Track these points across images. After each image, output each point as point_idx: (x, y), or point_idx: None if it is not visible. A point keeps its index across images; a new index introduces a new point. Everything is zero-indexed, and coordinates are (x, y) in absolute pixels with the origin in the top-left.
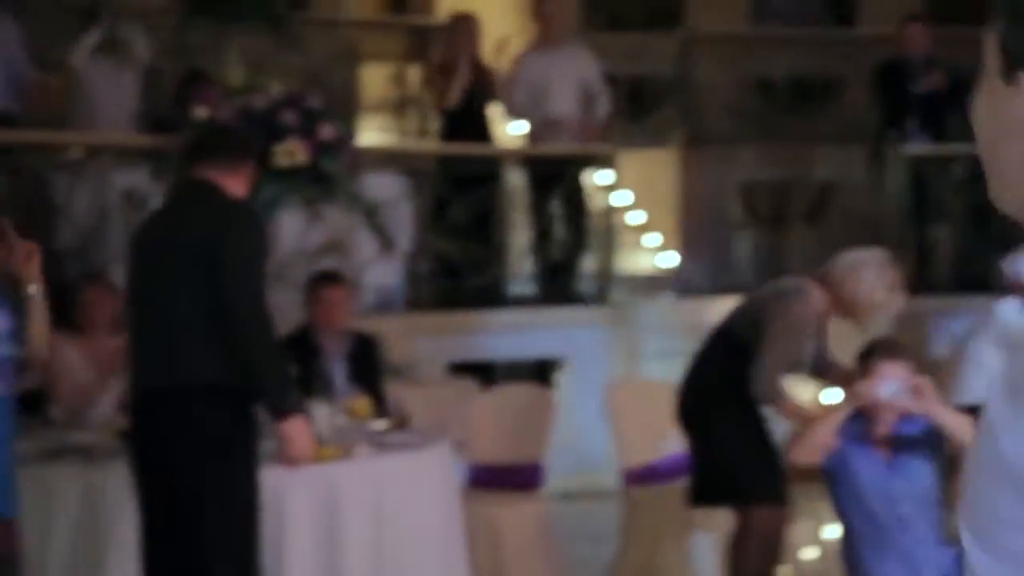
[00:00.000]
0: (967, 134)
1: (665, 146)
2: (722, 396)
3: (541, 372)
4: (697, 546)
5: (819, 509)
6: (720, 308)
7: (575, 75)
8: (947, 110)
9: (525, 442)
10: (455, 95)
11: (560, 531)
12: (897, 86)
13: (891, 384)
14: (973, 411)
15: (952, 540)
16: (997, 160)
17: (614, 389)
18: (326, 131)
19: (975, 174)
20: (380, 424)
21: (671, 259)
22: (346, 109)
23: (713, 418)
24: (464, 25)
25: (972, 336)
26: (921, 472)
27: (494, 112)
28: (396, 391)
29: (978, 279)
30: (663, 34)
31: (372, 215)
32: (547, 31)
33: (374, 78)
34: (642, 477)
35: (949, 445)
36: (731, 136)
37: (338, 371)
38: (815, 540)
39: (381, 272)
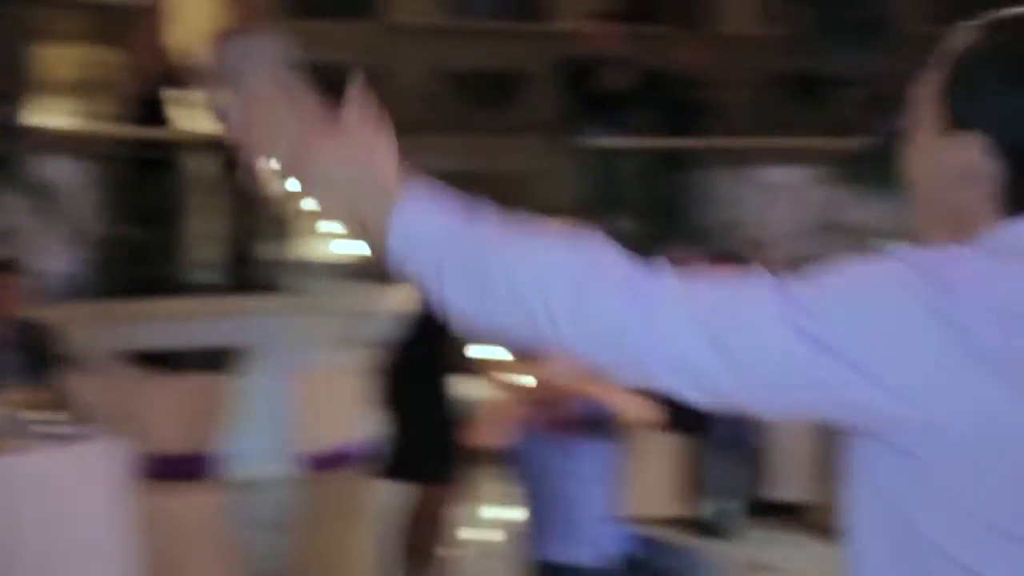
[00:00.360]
0: (650, 129)
1: None
2: (421, 376)
3: (224, 360)
4: (373, 528)
5: (498, 490)
6: (398, 294)
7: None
8: (632, 105)
9: (203, 431)
10: (143, 80)
11: (241, 519)
12: (583, 81)
13: (564, 368)
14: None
15: (621, 518)
16: (932, 203)
17: (296, 376)
18: None
19: (655, 167)
20: (50, 416)
21: (353, 247)
22: (23, 90)
23: (412, 397)
24: (153, 9)
25: None
26: (593, 452)
27: (183, 99)
28: (73, 381)
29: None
30: (359, 23)
31: (48, 200)
32: (243, 17)
33: (60, 59)
34: (323, 463)
35: (618, 425)
36: (423, 126)
37: (9, 361)
38: (494, 521)
39: (58, 259)
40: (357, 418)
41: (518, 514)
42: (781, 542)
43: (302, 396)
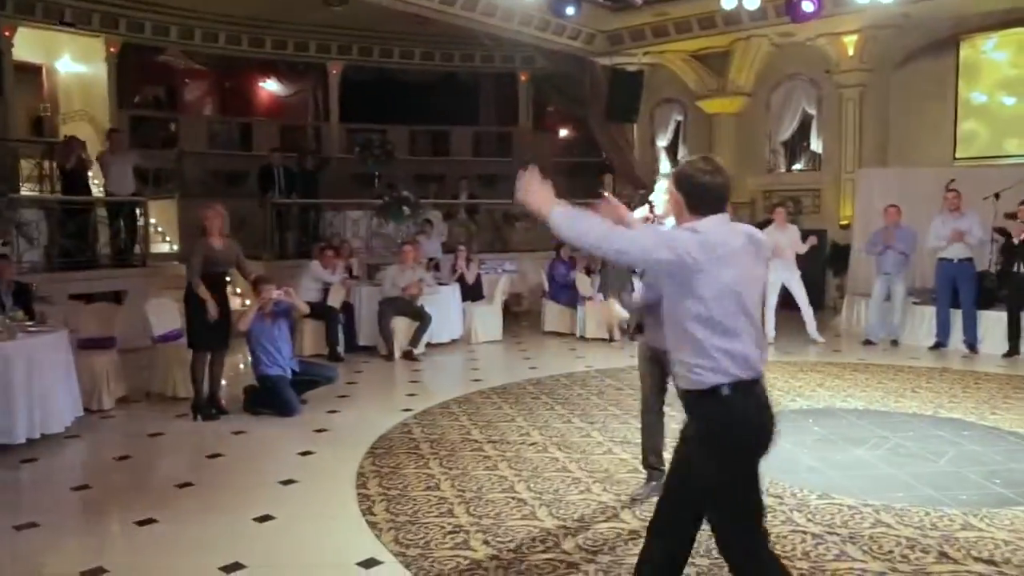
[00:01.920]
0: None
1: None
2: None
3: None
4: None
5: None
6: None
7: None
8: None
9: (107, 326)
10: None
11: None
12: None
13: (276, 292)
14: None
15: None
16: (677, 216)
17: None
18: None
19: (302, 209)
20: (30, 324)
21: None
22: None
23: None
24: None
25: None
26: (284, 330)
27: None
28: (40, 309)
29: None
30: None
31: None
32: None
33: None
34: (163, 338)
35: (294, 313)
36: None
37: (9, 302)
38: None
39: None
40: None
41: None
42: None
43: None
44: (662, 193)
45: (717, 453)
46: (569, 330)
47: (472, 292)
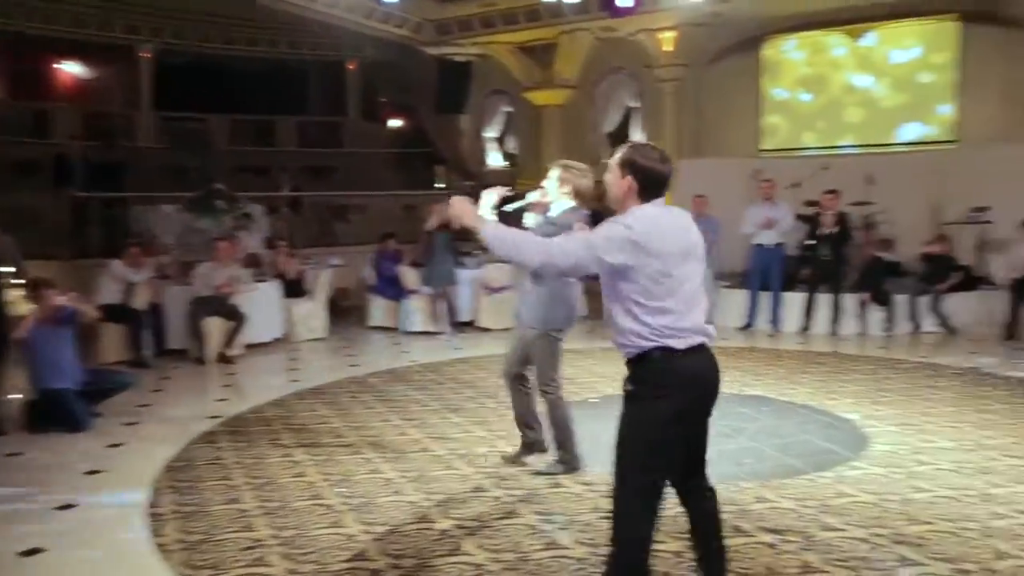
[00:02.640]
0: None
1: None
2: None
3: None
4: None
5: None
6: None
7: None
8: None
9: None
10: None
11: None
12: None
13: (59, 298)
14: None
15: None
16: (616, 201)
17: None
18: None
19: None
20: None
21: None
22: None
23: None
24: None
25: None
26: (68, 338)
27: None
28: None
29: None
30: None
31: None
32: None
33: None
34: None
35: (79, 318)
36: None
37: None
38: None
39: None
40: None
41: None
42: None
43: None
44: (555, 180)
45: (638, 411)
46: (395, 324)
47: (294, 288)
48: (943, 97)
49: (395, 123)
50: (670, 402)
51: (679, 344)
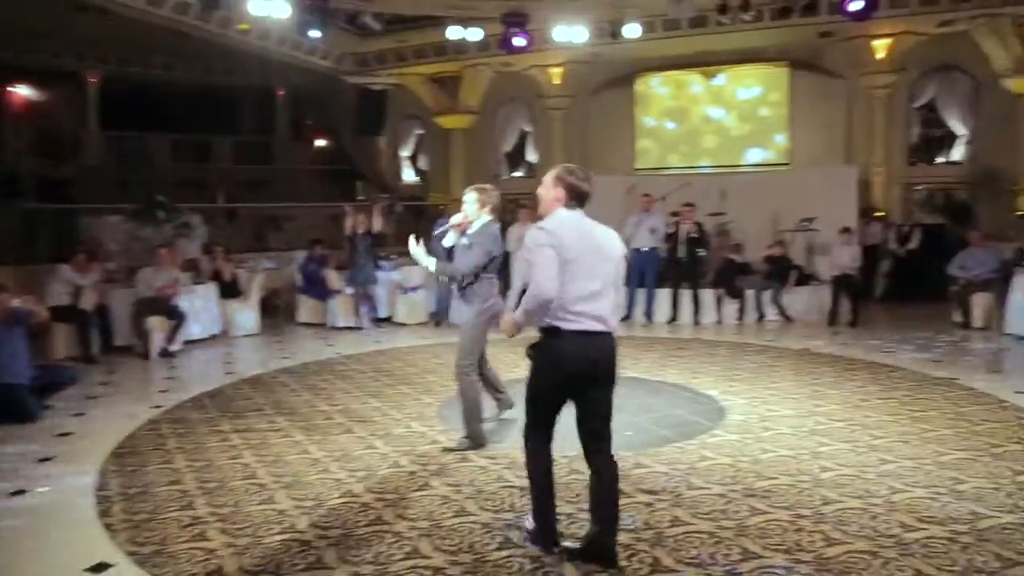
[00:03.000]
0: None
1: None
2: None
3: None
4: None
5: None
6: None
7: None
8: None
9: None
10: None
11: None
12: None
13: (14, 300)
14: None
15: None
16: (545, 205)
17: None
18: None
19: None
20: None
21: None
22: None
23: None
24: None
25: None
26: (20, 337)
27: None
28: None
29: None
30: None
31: None
32: None
33: None
34: None
35: (32, 319)
36: None
37: None
38: None
39: None
40: None
41: None
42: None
43: None
44: (473, 202)
45: (538, 370)
46: (321, 321)
47: (230, 290)
48: (779, 128)
49: (320, 143)
50: (556, 366)
51: (567, 326)
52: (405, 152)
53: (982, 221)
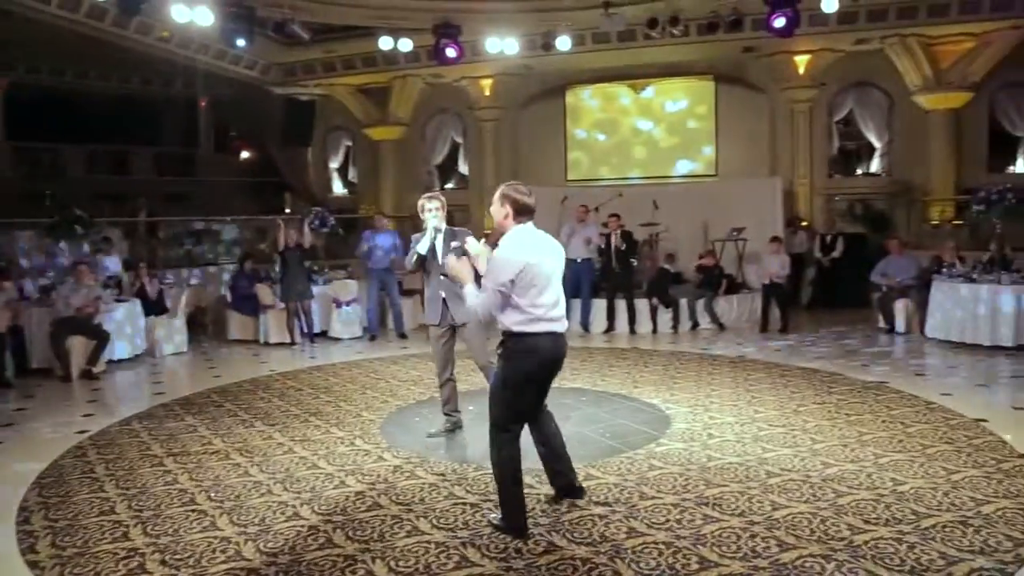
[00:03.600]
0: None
1: None
2: None
3: None
4: None
5: None
6: None
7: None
8: None
9: None
10: None
11: None
12: None
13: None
14: None
15: None
16: (499, 225)
17: None
18: None
19: None
20: None
21: None
22: None
23: None
24: None
25: None
26: None
27: None
28: None
29: None
30: None
31: None
32: None
33: None
34: None
35: None
36: None
37: None
38: None
39: None
40: None
41: None
42: None
43: None
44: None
45: (506, 369)
46: (253, 337)
47: (155, 307)
48: (706, 140)
49: (246, 155)
50: (523, 362)
51: (530, 328)
52: (334, 164)
53: (899, 230)
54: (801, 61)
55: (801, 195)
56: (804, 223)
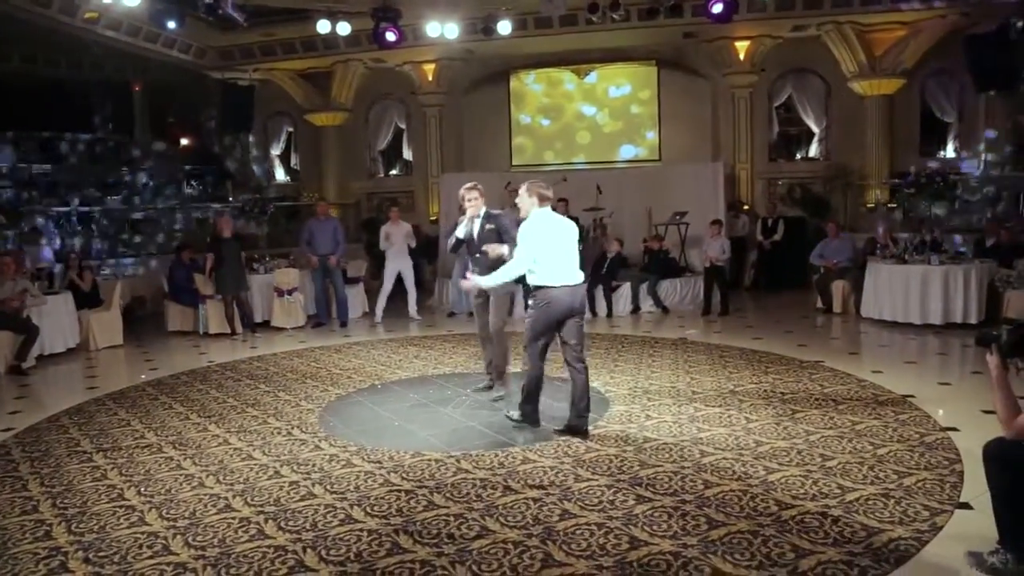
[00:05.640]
0: None
1: None
2: None
3: None
4: None
5: None
6: None
7: None
8: None
9: None
10: None
11: None
12: None
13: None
14: None
15: None
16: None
17: None
18: None
19: None
20: None
21: None
22: None
23: None
24: None
25: None
26: None
27: None
28: None
29: None
30: None
31: None
32: None
33: None
34: None
35: None
36: None
37: None
38: None
39: None
40: None
41: None
42: None
43: None
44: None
45: (534, 310)
46: (192, 328)
47: (88, 299)
48: (649, 125)
49: (184, 141)
50: (548, 307)
51: (553, 282)
52: (276, 150)
53: (837, 213)
54: (741, 47)
55: (743, 179)
56: (746, 207)
